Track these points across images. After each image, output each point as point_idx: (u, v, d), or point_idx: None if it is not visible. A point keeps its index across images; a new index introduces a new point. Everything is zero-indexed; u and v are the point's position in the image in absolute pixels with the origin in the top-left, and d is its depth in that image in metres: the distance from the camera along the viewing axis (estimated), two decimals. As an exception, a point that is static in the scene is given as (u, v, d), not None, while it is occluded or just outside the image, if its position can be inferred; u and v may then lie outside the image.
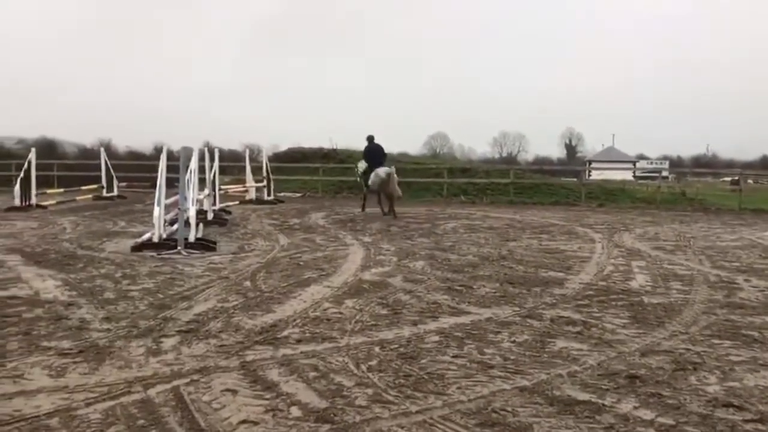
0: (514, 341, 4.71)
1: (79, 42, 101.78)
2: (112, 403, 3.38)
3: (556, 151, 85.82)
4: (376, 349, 4.45)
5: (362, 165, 16.24)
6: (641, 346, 4.61)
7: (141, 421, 3.14)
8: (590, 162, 68.51)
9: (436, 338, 4.75)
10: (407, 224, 13.45)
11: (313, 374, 3.88)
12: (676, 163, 72.96)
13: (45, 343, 4.47)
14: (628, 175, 44.20)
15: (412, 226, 13.03)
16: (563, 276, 7.50)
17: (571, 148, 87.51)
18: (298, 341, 4.60)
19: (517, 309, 5.76)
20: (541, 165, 48.42)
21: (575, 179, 29.98)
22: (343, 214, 15.72)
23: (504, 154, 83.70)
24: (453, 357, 4.29)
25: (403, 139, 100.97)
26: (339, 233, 11.66)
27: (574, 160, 76.55)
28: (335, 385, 3.70)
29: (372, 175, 15.61)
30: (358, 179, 16.91)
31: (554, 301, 6.15)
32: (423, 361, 4.20)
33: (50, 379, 3.76)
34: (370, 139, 16.67)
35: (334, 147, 30.22)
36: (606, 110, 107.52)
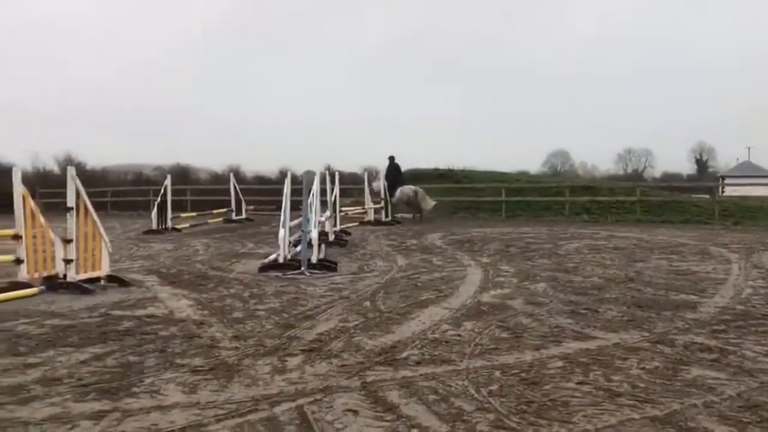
0: (643, 368, 4.48)
1: (206, 77, 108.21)
2: (240, 420, 3.51)
3: (686, 167, 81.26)
4: (497, 373, 4.37)
5: (378, 184, 18.49)
6: (788, 378, 4.25)
7: (267, 438, 3.24)
8: (723, 178, 64.36)
9: (560, 364, 4.60)
10: (527, 245, 13.19)
11: (432, 397, 3.86)
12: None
13: (179, 360, 4.73)
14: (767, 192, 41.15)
15: (533, 247, 12.75)
16: (696, 299, 7.07)
17: (702, 164, 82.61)
18: (418, 363, 4.61)
19: (647, 334, 5.47)
20: (670, 182, 46.08)
21: (707, 196, 28.27)
22: (460, 235, 15.65)
23: (629, 171, 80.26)
24: (578, 384, 4.14)
25: (522, 158, 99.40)
26: (456, 254, 11.61)
27: (705, 176, 72.13)
28: (455, 408, 3.67)
29: (398, 192, 18.17)
30: (380, 196, 18.78)
31: (687, 326, 5.80)
32: (546, 387, 4.08)
33: (183, 395, 3.97)
34: (391, 159, 19.29)
35: (450, 168, 30.23)
36: (740, 122, 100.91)
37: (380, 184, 19.02)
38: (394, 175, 19.16)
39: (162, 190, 17.86)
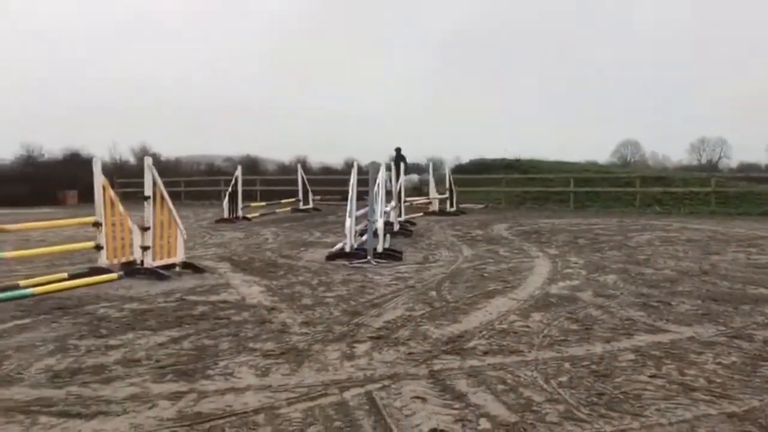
0: (719, 363, 4.34)
1: (275, 69, 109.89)
2: (311, 403, 3.59)
3: (764, 157, 77.63)
4: (566, 364, 4.32)
5: (386, 174, 19.57)
6: None
7: (337, 423, 3.30)
8: (805, 167, 61.11)
9: (631, 356, 4.51)
10: (596, 236, 12.92)
11: (501, 387, 3.85)
12: None
13: (251, 345, 4.86)
14: None
15: (602, 239, 12.49)
16: (777, 294, 6.79)
17: (782, 153, 78.66)
18: (485, 353, 4.59)
19: (723, 328, 5.30)
20: (747, 172, 44.13)
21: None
22: (527, 226, 15.45)
23: (703, 161, 77.27)
24: (650, 377, 4.05)
25: (590, 148, 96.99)
26: (523, 245, 11.48)
27: (786, 166, 68.68)
28: (524, 399, 3.65)
29: (403, 179, 18.44)
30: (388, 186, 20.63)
31: (766, 321, 5.58)
32: (617, 379, 4.00)
33: (256, 378, 4.08)
34: (398, 150, 21.44)
35: (517, 158, 29.84)
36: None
37: (408, 178, 20.97)
38: (400, 165, 20.07)
39: (233, 181, 18.30)
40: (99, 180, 7.95)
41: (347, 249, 9.81)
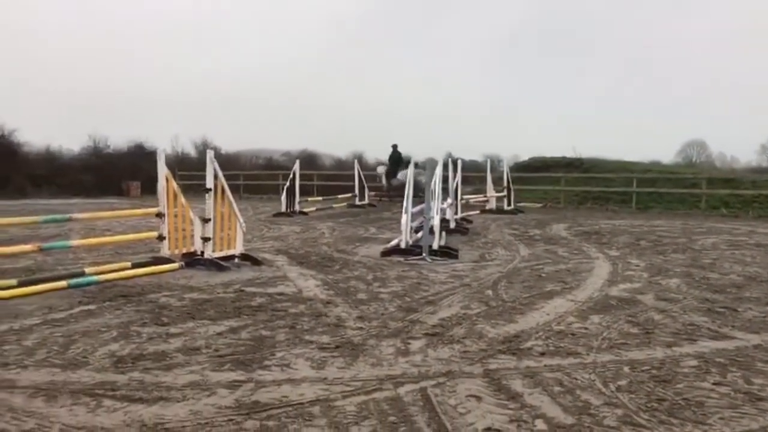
0: (789, 373, 4.17)
1: (333, 66, 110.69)
2: (365, 397, 3.61)
3: None
4: (626, 368, 4.22)
5: (382, 168, 21.56)
6: None
7: (392, 418, 3.31)
8: None
9: (694, 363, 4.37)
10: (659, 238, 12.58)
11: (558, 389, 3.79)
12: None
13: (307, 337, 4.92)
14: None
15: (665, 241, 12.14)
16: None
17: None
18: (542, 354, 4.53)
19: (793, 337, 5.09)
20: (823, 174, 42.29)
21: None
22: (587, 226, 15.16)
23: (775, 163, 74.18)
24: (714, 384, 3.92)
25: (654, 147, 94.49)
26: (583, 245, 11.26)
27: None
28: (581, 401, 3.58)
29: (399, 175, 20.20)
30: (381, 180, 21.68)
31: (841, 331, 5.33)
32: (679, 386, 3.89)
33: (312, 370, 4.12)
34: (394, 147, 21.60)
35: (579, 156, 29.28)
36: None
37: (382, 168, 22.64)
38: (396, 161, 21.45)
39: (291, 175, 18.53)
40: (163, 171, 8.16)
41: (403, 245, 9.82)
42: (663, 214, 20.32)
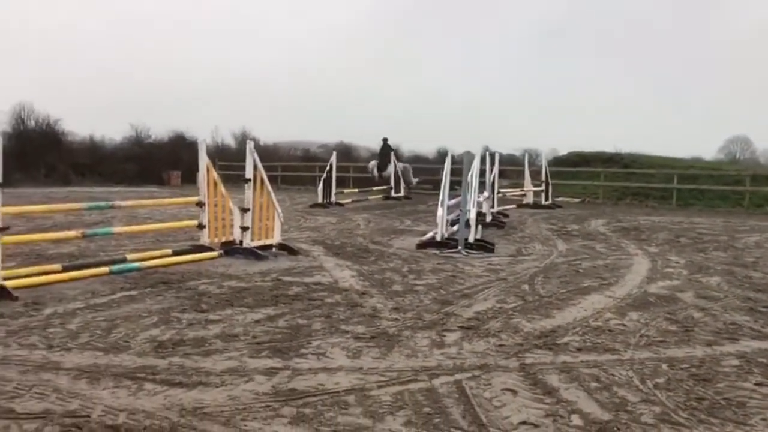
0: (835, 376, 4.07)
1: (369, 59, 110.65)
2: (400, 388, 3.63)
3: None
4: (664, 366, 4.16)
5: (373, 162, 22.56)
6: None
7: (426, 409, 3.32)
8: None
9: (735, 362, 4.29)
10: (700, 236, 12.34)
11: (594, 384, 3.76)
12: None
13: (343, 327, 4.96)
14: None
15: (706, 238, 11.91)
16: None
17: None
18: (579, 349, 4.49)
19: (839, 339, 4.95)
20: None
21: None
22: (626, 222, 14.94)
23: (822, 160, 71.98)
24: (756, 385, 3.84)
25: (695, 143, 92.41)
26: (621, 242, 11.11)
27: None
28: (618, 398, 3.55)
29: (390, 167, 21.54)
30: (373, 172, 22.60)
31: None
32: (719, 385, 3.82)
33: (347, 359, 4.16)
34: (385, 140, 22.77)
35: (618, 151, 28.83)
36: None
37: (373, 162, 23.45)
38: (387, 154, 22.42)
39: (327, 167, 18.63)
40: (203, 161, 8.28)
41: (438, 238, 9.80)
42: (704, 211, 19.91)
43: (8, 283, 5.76)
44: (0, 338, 4.45)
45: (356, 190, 21.57)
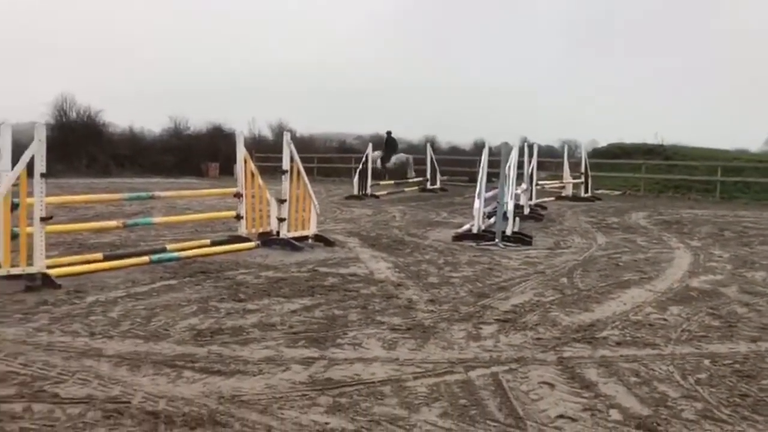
0: None
1: (406, 49, 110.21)
2: (436, 379, 3.62)
3: None
4: (706, 362, 4.07)
5: (378, 153, 22.01)
6: None
7: (462, 401, 3.31)
8: None
9: (781, 359, 4.18)
10: (745, 230, 12.04)
11: (634, 379, 3.70)
12: None
13: (379, 318, 4.97)
14: None
15: (751, 232, 11.62)
16: None
17: None
18: (618, 344, 4.42)
19: None
20: None
21: None
22: (668, 215, 14.65)
23: None
24: (803, 383, 3.74)
25: (741, 135, 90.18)
26: (663, 235, 10.90)
27: None
28: (658, 393, 3.48)
29: (394, 158, 22.61)
30: (377, 164, 21.88)
31: None
32: (763, 381, 3.73)
33: (383, 350, 4.16)
34: (389, 133, 23.64)
35: (660, 142, 28.24)
36: None
37: (377, 153, 22.74)
38: (391, 146, 23.10)
39: (363, 158, 18.64)
40: (241, 153, 8.36)
41: (475, 230, 9.74)
42: (749, 204, 19.41)
43: (52, 272, 5.90)
44: (44, 325, 4.57)
45: (392, 182, 21.56)
